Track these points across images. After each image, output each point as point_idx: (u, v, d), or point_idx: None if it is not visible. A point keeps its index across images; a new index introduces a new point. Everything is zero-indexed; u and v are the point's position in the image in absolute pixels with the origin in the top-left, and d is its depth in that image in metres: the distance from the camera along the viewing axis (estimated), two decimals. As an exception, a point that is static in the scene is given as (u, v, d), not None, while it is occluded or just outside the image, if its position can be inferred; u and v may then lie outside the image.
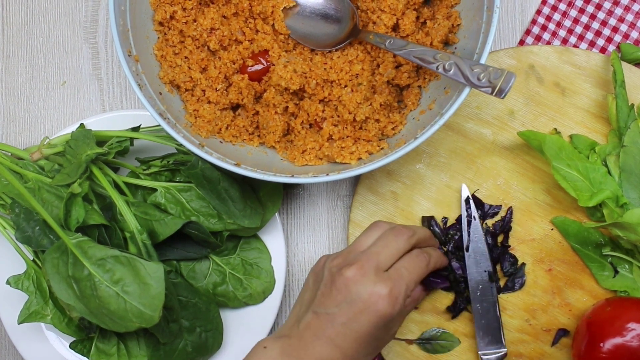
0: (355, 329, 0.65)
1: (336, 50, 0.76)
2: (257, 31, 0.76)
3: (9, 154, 0.76)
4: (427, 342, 0.78)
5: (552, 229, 0.79)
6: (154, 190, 0.76)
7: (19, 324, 0.74)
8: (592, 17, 0.83)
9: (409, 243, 0.69)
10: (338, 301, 0.66)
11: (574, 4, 0.84)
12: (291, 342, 0.66)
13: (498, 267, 0.79)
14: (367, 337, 0.66)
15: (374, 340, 0.67)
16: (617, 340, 0.71)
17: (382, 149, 0.73)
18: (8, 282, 0.74)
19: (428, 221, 0.79)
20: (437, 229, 0.79)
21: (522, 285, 0.78)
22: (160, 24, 0.76)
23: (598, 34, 0.83)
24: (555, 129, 0.80)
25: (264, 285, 0.78)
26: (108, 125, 0.80)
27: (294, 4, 0.75)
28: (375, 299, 0.65)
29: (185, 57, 0.76)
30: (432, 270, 0.72)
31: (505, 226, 0.79)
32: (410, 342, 0.79)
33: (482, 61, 0.67)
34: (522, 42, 0.84)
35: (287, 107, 0.75)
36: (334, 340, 0.65)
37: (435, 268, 0.72)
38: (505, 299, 0.79)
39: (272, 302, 0.79)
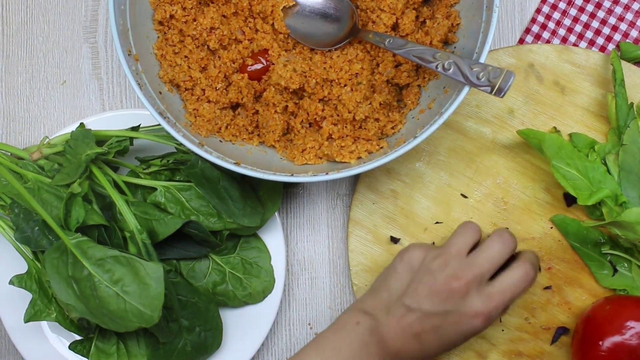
0: (444, 335, 0.68)
1: (336, 49, 0.76)
2: (257, 30, 0.76)
3: (9, 154, 0.76)
4: None
5: (551, 228, 0.79)
6: (154, 189, 0.76)
7: (25, 322, 0.74)
8: (592, 15, 0.83)
9: (507, 253, 0.70)
10: (435, 305, 0.67)
11: (573, 3, 0.84)
12: (379, 326, 0.68)
13: None
14: (452, 343, 0.69)
15: (454, 346, 0.70)
16: (617, 338, 0.71)
17: (381, 148, 0.73)
18: (11, 282, 0.74)
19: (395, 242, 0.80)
20: None
21: None
22: (160, 23, 0.76)
23: (598, 32, 0.83)
24: (555, 128, 0.80)
25: (263, 285, 0.78)
26: (108, 124, 0.80)
27: (294, 3, 0.75)
28: (473, 316, 0.67)
29: (185, 57, 0.76)
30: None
31: None
32: None
33: (482, 60, 0.67)
34: (521, 41, 0.84)
35: (286, 106, 0.75)
36: (419, 336, 0.67)
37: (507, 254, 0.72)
38: (504, 297, 0.79)
39: (272, 301, 0.79)
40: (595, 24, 0.83)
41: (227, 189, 0.75)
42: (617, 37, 0.83)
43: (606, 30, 0.83)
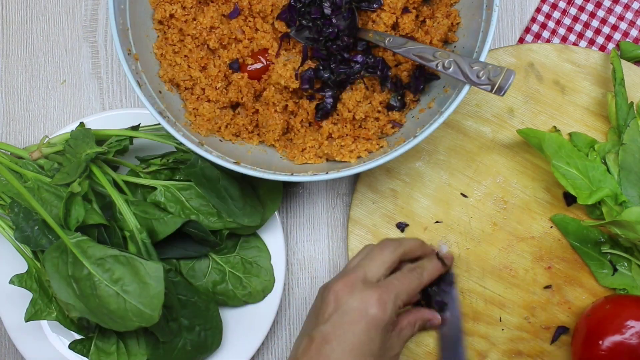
0: (350, 341, 0.64)
1: (335, 48, 0.76)
2: (257, 30, 0.76)
3: (9, 153, 0.76)
4: None
5: (551, 227, 0.79)
6: (154, 188, 0.76)
7: (26, 321, 0.74)
8: (592, 15, 0.83)
9: (395, 254, 0.70)
10: (329, 315, 0.66)
11: (573, 2, 0.84)
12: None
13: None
14: (363, 348, 0.65)
15: (371, 354, 0.65)
16: (616, 337, 0.71)
17: (381, 147, 0.73)
18: (12, 281, 0.74)
19: None
20: None
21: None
22: (160, 22, 0.76)
23: (598, 32, 0.83)
24: (555, 127, 0.80)
25: (263, 284, 0.78)
26: (108, 124, 0.80)
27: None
28: (364, 305, 0.65)
29: (185, 56, 0.76)
30: (428, 283, 0.72)
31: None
32: None
33: (482, 59, 0.67)
34: (521, 40, 0.84)
35: (286, 105, 0.75)
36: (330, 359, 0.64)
37: (431, 279, 0.72)
38: (504, 297, 0.79)
39: (272, 300, 0.79)
40: (595, 23, 0.83)
41: (227, 188, 0.75)
42: (617, 36, 0.83)
43: (606, 30, 0.83)
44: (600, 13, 0.83)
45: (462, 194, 0.80)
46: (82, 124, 0.77)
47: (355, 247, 0.80)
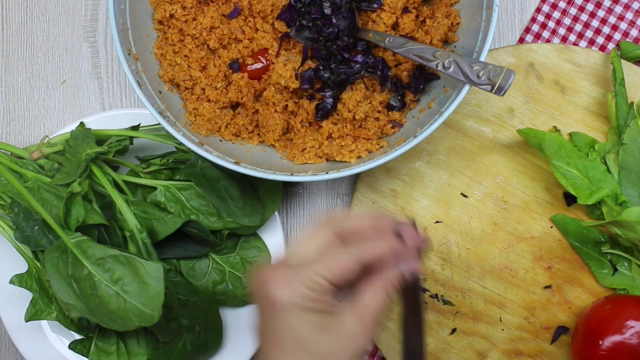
0: (274, 339, 0.56)
1: (335, 48, 0.76)
2: (257, 30, 0.76)
3: (9, 153, 0.76)
4: None
5: (551, 227, 0.79)
6: (154, 188, 0.76)
7: (26, 321, 0.74)
8: (592, 15, 0.83)
9: (326, 230, 0.58)
10: (258, 314, 0.58)
11: (574, 2, 0.84)
12: None
13: None
14: (287, 341, 0.55)
15: (298, 345, 0.55)
16: (616, 337, 0.71)
17: (381, 147, 0.73)
18: (12, 281, 0.74)
19: None
20: None
21: None
22: (160, 22, 0.76)
23: (598, 32, 0.83)
24: (555, 127, 0.80)
25: (263, 284, 0.78)
26: (108, 124, 0.80)
27: (293, 2, 0.75)
28: (269, 290, 0.54)
29: (185, 56, 0.76)
30: (370, 260, 0.56)
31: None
32: None
33: (482, 59, 0.67)
34: (521, 40, 0.84)
35: (286, 105, 0.75)
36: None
37: (374, 256, 0.57)
38: (504, 297, 0.79)
39: (272, 300, 0.79)
40: (595, 23, 0.83)
41: (227, 188, 0.75)
42: (617, 36, 0.83)
43: (606, 30, 0.83)
44: (600, 13, 0.83)
45: (462, 194, 0.80)
46: (82, 124, 0.77)
47: (355, 247, 0.80)
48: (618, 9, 0.83)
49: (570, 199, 0.79)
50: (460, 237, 0.80)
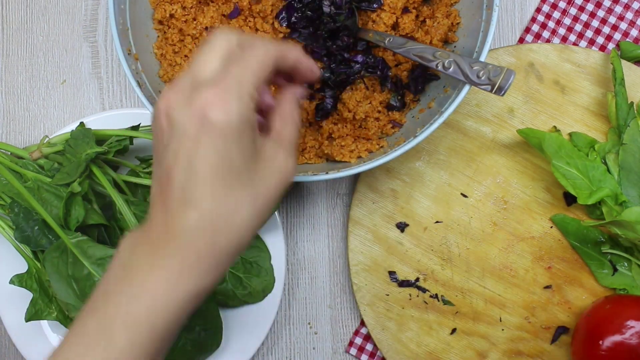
0: (200, 169, 0.47)
1: (335, 48, 0.76)
2: (257, 30, 0.76)
3: (9, 153, 0.76)
4: None
5: (551, 227, 0.79)
6: (154, 188, 0.76)
7: (26, 321, 0.74)
8: (592, 15, 0.83)
9: (225, 39, 0.50)
10: (165, 144, 0.49)
11: (574, 2, 0.84)
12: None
13: None
14: (219, 171, 0.47)
15: (235, 173, 0.48)
16: (616, 337, 0.71)
17: (381, 147, 0.73)
18: (12, 281, 0.74)
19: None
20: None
21: None
22: (160, 22, 0.76)
23: (598, 32, 0.83)
24: (555, 127, 0.80)
25: (263, 284, 0.78)
26: (108, 123, 0.80)
27: (293, 2, 0.75)
28: (203, 111, 0.47)
29: (185, 56, 0.76)
30: (275, 59, 0.51)
31: None
32: None
33: (482, 59, 0.67)
34: (521, 40, 0.84)
35: (286, 105, 0.75)
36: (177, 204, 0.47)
37: (278, 57, 0.51)
38: (504, 297, 0.79)
39: (272, 300, 0.79)
40: (595, 23, 0.83)
41: (227, 188, 0.75)
42: (617, 36, 0.83)
43: (606, 30, 0.83)
44: (600, 13, 0.83)
45: (462, 194, 0.80)
46: (82, 124, 0.77)
47: (356, 247, 0.80)
48: (618, 9, 0.83)
49: (570, 199, 0.79)
50: (460, 237, 0.80)
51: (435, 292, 0.79)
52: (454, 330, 0.79)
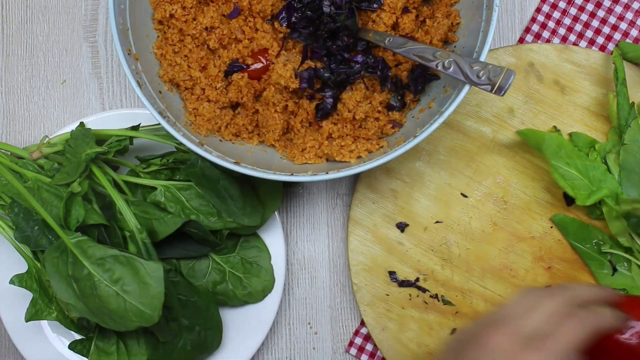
0: None
1: (335, 48, 0.76)
2: (257, 30, 0.76)
3: (9, 153, 0.76)
4: None
5: (551, 227, 0.79)
6: (154, 188, 0.76)
7: (26, 321, 0.74)
8: (592, 15, 0.83)
9: (569, 305, 0.60)
10: None
11: (574, 2, 0.84)
12: None
13: None
14: None
15: None
16: (616, 337, 0.71)
17: (381, 147, 0.73)
18: (12, 281, 0.74)
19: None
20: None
21: None
22: (160, 22, 0.76)
23: (598, 32, 0.83)
24: (555, 127, 0.80)
25: (263, 284, 0.78)
26: (108, 123, 0.80)
27: (293, 2, 0.75)
28: (506, 348, 0.56)
29: (185, 56, 0.76)
30: (598, 333, 0.61)
31: None
32: None
33: (482, 59, 0.67)
34: (521, 40, 0.84)
35: (286, 105, 0.75)
36: None
37: (603, 330, 0.62)
38: (505, 297, 0.79)
39: (272, 300, 0.79)
40: (595, 23, 0.83)
41: (227, 188, 0.75)
42: (617, 36, 0.83)
43: (606, 30, 0.83)
44: (600, 13, 0.83)
45: (462, 194, 0.80)
46: (82, 124, 0.77)
47: (356, 247, 0.80)
48: (618, 9, 0.83)
49: (570, 199, 0.79)
50: (461, 237, 0.80)
51: (436, 292, 0.79)
52: (454, 331, 0.79)
